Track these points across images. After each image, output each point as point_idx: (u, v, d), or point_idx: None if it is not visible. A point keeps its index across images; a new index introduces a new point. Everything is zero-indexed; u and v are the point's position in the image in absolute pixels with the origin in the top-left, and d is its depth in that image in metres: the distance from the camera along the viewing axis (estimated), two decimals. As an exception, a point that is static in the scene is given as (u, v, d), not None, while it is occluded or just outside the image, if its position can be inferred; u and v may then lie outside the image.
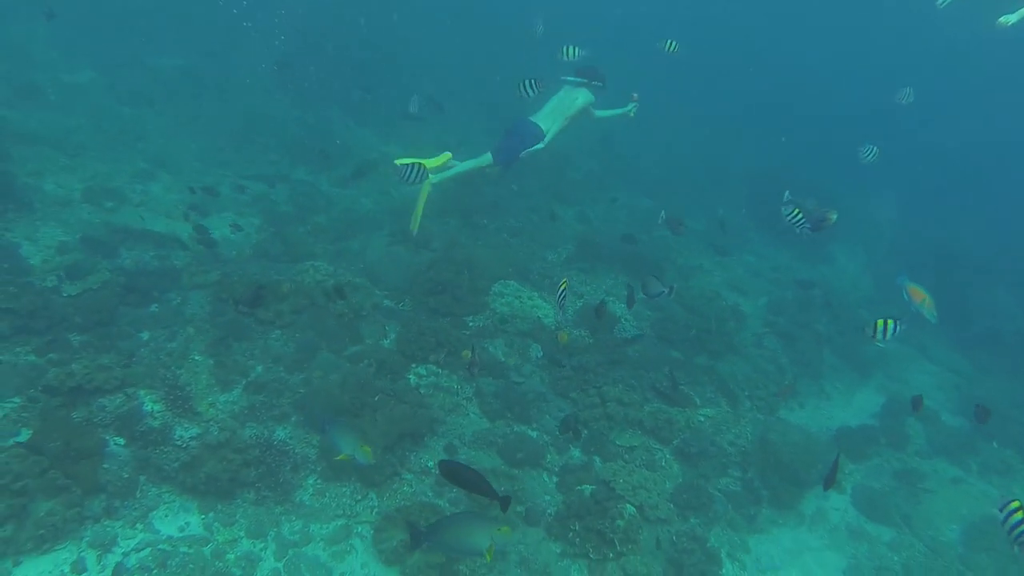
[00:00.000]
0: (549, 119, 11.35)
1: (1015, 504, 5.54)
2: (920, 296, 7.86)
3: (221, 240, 10.85)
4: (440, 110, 14.80)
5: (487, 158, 11.20)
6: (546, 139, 11.10)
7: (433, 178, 10.91)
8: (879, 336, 6.27)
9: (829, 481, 6.60)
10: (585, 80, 11.60)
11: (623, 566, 7.40)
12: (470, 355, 7.13)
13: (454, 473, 5.02)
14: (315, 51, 18.87)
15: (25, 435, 6.78)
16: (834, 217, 6.81)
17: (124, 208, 11.40)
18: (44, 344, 7.96)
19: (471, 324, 10.12)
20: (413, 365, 9.00)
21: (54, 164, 12.11)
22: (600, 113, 11.96)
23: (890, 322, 6.34)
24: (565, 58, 10.47)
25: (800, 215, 7.67)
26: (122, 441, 7.18)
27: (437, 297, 10.05)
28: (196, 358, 8.38)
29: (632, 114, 12.11)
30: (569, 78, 11.69)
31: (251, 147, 15.37)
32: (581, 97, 11.57)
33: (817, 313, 13.57)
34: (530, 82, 9.45)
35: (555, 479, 8.33)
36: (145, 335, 8.63)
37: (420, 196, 10.94)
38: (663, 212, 9.42)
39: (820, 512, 9.29)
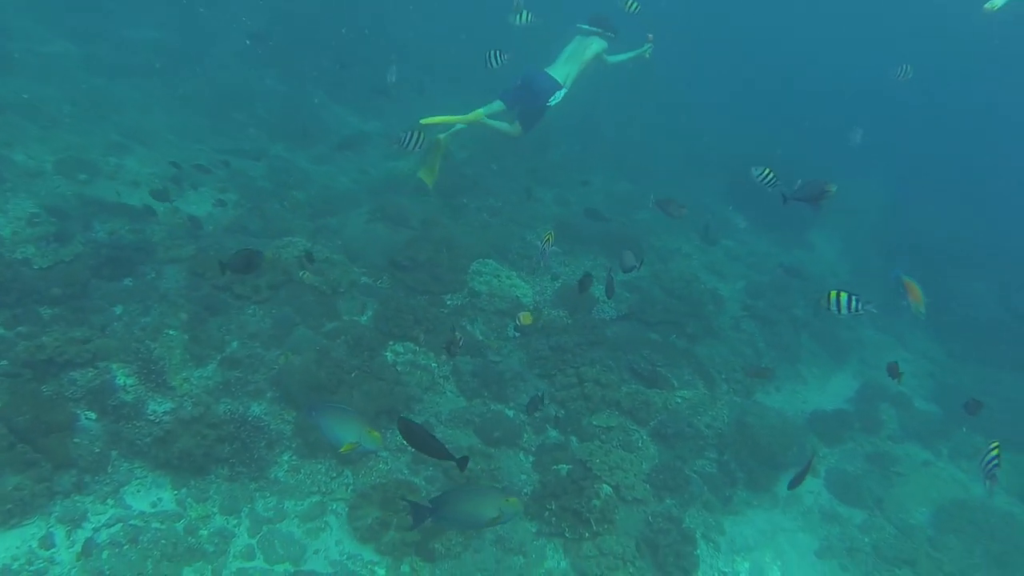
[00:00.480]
0: (564, 67, 11.32)
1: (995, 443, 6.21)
2: (914, 292, 7.89)
3: (202, 216, 10.69)
4: (421, 90, 14.65)
5: (498, 105, 11.10)
6: (566, 87, 10.97)
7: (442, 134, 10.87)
8: (834, 308, 6.26)
9: (796, 482, 6.65)
10: (599, 30, 11.55)
11: (599, 545, 7.43)
12: (456, 335, 7.03)
13: (411, 433, 4.78)
14: (289, 24, 18.59)
15: (-7, 408, 6.66)
16: (834, 188, 6.72)
17: (98, 180, 11.18)
18: (13, 317, 7.81)
19: (448, 302, 10.06)
20: (390, 342, 8.94)
21: (24, 134, 11.82)
22: (614, 58, 11.94)
23: (843, 295, 6.32)
24: (517, 23, 10.41)
25: (772, 176, 7.58)
26: (93, 415, 7.07)
27: (412, 274, 9.97)
28: (170, 333, 8.26)
29: (648, 55, 12.10)
30: (583, 26, 11.64)
31: (227, 122, 15.13)
32: (595, 44, 11.55)
33: (795, 297, 13.65)
34: (495, 53, 9.40)
35: (531, 458, 8.33)
36: (119, 309, 8.48)
37: (436, 149, 10.82)
38: (652, 195, 9.31)
39: (794, 495, 9.35)
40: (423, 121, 10.23)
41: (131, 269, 9.09)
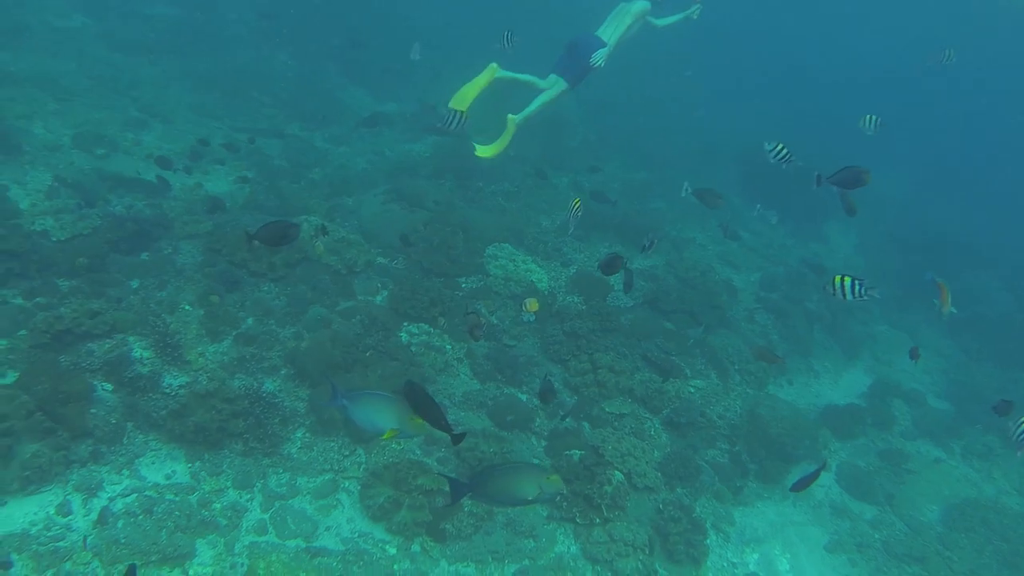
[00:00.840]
0: (609, 29, 11.27)
1: None
2: (945, 294, 7.82)
3: (219, 193, 10.70)
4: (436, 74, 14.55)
5: (553, 80, 11.06)
6: (609, 46, 10.94)
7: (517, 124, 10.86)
8: (839, 293, 6.18)
9: (801, 486, 6.58)
10: None
11: (609, 531, 7.42)
12: (477, 318, 6.96)
13: (415, 396, 4.61)
14: (302, 2, 18.53)
15: (11, 377, 6.69)
16: (869, 176, 6.55)
17: (115, 155, 11.21)
18: (31, 288, 7.84)
19: (464, 285, 10.05)
20: (405, 323, 8.94)
21: (43, 108, 11.85)
22: (661, 21, 11.81)
23: (847, 279, 6.24)
24: None
25: (785, 150, 7.43)
26: (110, 387, 7.10)
27: (422, 252, 9.95)
28: (186, 308, 8.28)
29: (695, 16, 11.95)
30: None
31: (243, 100, 15.13)
32: (637, 4, 11.42)
33: (808, 291, 13.58)
34: (507, 35, 9.39)
35: (544, 443, 8.32)
36: (135, 283, 8.51)
37: (507, 130, 10.92)
38: (686, 184, 9.16)
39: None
40: (496, 73, 10.23)
41: (148, 244, 9.12)
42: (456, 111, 8.57)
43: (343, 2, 19.38)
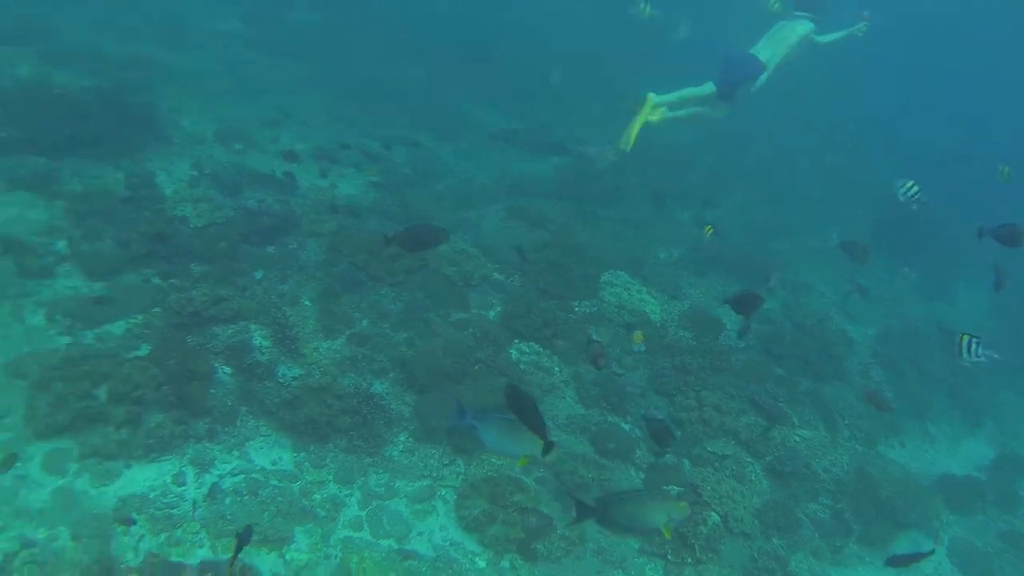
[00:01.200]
0: (767, 50, 10.87)
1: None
2: None
3: (346, 195, 11.07)
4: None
5: (710, 87, 10.79)
6: (768, 70, 10.67)
7: (654, 105, 10.52)
8: (964, 354, 5.81)
9: (899, 563, 6.18)
10: (808, 14, 11.09)
11: (700, 573, 7.18)
12: (601, 347, 6.71)
13: (516, 399, 4.55)
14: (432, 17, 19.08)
15: (144, 350, 7.06)
16: None
17: (252, 151, 11.76)
18: (167, 269, 8.27)
19: (577, 309, 10.02)
20: (516, 340, 8.96)
21: (191, 103, 12.60)
22: (824, 38, 11.24)
23: (966, 337, 5.87)
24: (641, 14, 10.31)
25: (916, 189, 7.05)
26: (230, 370, 7.39)
27: (546, 276, 9.97)
28: (305, 303, 8.55)
29: (860, 34, 11.54)
30: (797, 12, 11.16)
31: (375, 109, 15.62)
32: (800, 26, 11.00)
33: (930, 350, 12.89)
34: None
35: (642, 475, 8.15)
36: (259, 274, 8.85)
37: (637, 118, 10.62)
38: (835, 232, 8.85)
39: (912, 559, 8.79)
40: (647, 95, 10.17)
41: (275, 238, 9.49)
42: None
43: (473, 18, 19.85)
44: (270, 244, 9.42)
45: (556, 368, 8.86)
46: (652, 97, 10.40)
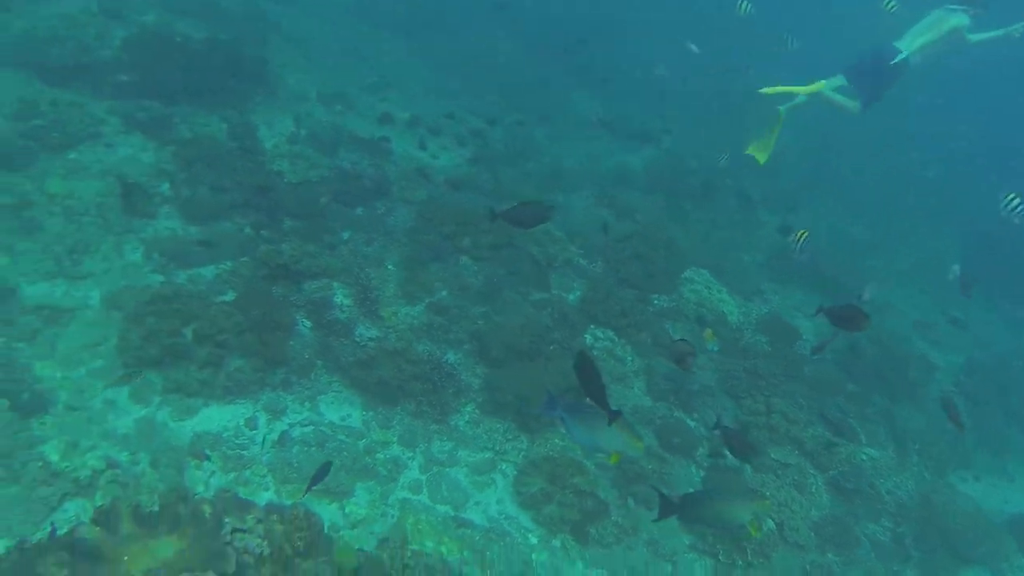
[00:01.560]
0: (912, 39, 10.36)
1: None
2: None
3: (439, 166, 11.18)
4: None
5: (840, 80, 10.38)
6: (908, 52, 10.17)
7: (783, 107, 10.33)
8: None
9: None
10: (964, 7, 10.66)
11: (749, 577, 7.07)
12: (689, 346, 6.46)
13: (585, 367, 4.38)
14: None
15: (231, 296, 7.30)
16: None
17: (350, 114, 11.98)
18: (259, 220, 8.52)
19: (656, 302, 9.90)
20: (592, 326, 8.92)
21: (298, 62, 12.90)
22: (975, 37, 10.81)
23: None
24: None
25: (1019, 203, 6.66)
26: (309, 324, 7.58)
27: (628, 267, 9.87)
28: (389, 267, 8.68)
29: (1018, 35, 11.02)
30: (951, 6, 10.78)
31: (473, 84, 15.69)
32: (953, 18, 10.37)
33: (1017, 387, 12.26)
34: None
35: (703, 473, 8.03)
36: (346, 234, 9.02)
37: (774, 124, 10.55)
38: (956, 266, 8.45)
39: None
40: (762, 91, 9.95)
41: (365, 200, 9.64)
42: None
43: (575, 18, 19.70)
44: (360, 206, 9.59)
45: (629, 358, 8.79)
46: (783, 110, 10.20)
